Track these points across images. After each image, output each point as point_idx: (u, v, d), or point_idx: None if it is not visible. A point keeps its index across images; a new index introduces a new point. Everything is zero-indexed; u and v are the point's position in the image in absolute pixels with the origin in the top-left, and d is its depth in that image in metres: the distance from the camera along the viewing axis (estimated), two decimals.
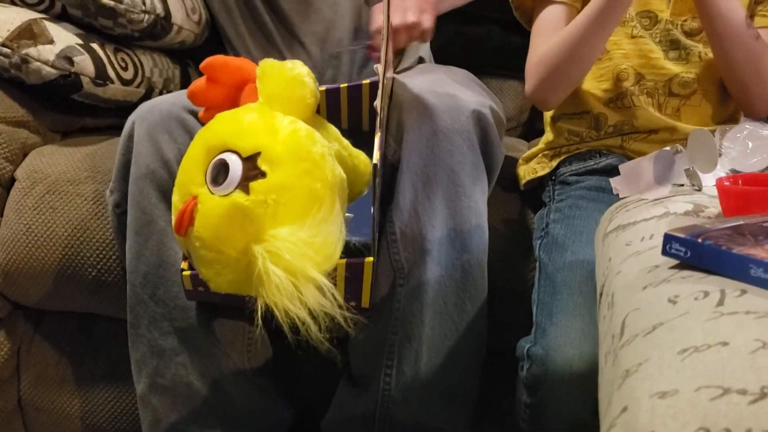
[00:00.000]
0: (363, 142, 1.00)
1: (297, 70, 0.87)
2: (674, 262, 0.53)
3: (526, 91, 1.06)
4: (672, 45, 1.03)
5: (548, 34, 1.02)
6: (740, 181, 0.62)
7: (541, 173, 1.08)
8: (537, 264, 0.95)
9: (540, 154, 1.11)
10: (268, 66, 0.87)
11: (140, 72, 1.30)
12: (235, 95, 0.92)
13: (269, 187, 0.77)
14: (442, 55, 1.50)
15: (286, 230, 0.76)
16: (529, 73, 1.04)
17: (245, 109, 0.85)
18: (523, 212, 1.10)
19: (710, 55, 1.02)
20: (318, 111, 0.93)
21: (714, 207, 0.63)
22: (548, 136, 1.12)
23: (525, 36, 1.15)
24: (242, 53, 1.41)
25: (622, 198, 0.80)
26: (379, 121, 0.86)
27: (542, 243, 0.95)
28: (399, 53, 1.24)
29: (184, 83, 1.44)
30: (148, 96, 1.34)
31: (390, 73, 1.03)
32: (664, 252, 0.52)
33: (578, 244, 0.89)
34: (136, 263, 1.02)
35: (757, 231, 0.51)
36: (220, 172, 0.79)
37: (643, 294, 0.49)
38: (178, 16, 1.33)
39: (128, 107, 1.30)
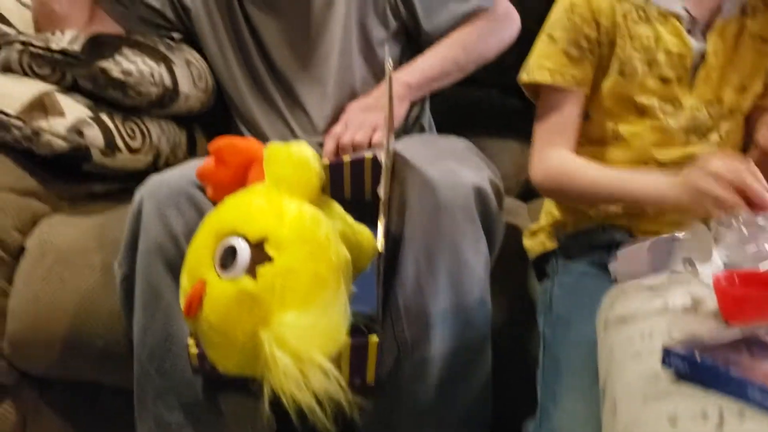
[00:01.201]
0: (366, 212, 1.02)
1: (303, 153, 0.90)
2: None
3: (531, 178, 1.07)
4: (696, 130, 1.03)
5: (558, 130, 1.03)
6: (737, 279, 0.64)
7: (549, 247, 1.10)
8: (541, 341, 0.96)
9: (547, 229, 1.12)
10: (275, 150, 0.90)
11: (148, 140, 1.33)
12: (242, 175, 0.95)
13: (276, 272, 0.79)
14: (441, 117, 1.54)
15: (292, 315, 0.78)
16: (537, 172, 1.05)
17: (253, 193, 0.87)
18: (527, 284, 1.12)
19: (731, 133, 1.03)
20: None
21: (712, 300, 0.64)
22: (553, 213, 1.13)
23: (522, 98, 1.18)
24: (246, 116, 1.45)
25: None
26: (381, 207, 0.88)
27: (546, 319, 0.97)
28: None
29: (191, 148, 1.47)
30: (155, 162, 1.36)
31: (392, 146, 1.06)
32: (664, 363, 0.54)
33: (582, 322, 0.90)
34: (143, 337, 1.04)
35: (755, 345, 0.52)
36: (229, 256, 0.81)
37: (644, 409, 0.51)
38: (185, 86, 1.36)
39: (135, 173, 1.33)
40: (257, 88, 1.42)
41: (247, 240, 0.81)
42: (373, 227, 0.95)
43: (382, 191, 0.88)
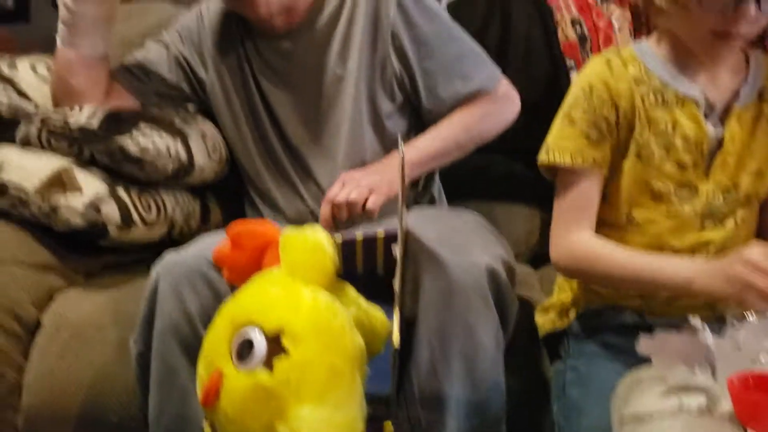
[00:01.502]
0: (378, 287, 1.03)
1: (317, 239, 0.91)
2: None
3: (553, 260, 1.07)
4: (711, 215, 1.04)
5: (579, 210, 1.04)
6: (751, 381, 0.64)
7: (559, 326, 1.10)
8: (556, 428, 0.96)
9: (559, 308, 1.13)
10: (291, 237, 0.91)
11: (163, 212, 1.35)
12: (258, 258, 0.96)
13: (292, 366, 0.80)
14: (448, 183, 1.55)
15: (308, 409, 0.79)
16: (558, 252, 1.05)
17: (269, 282, 0.89)
18: (540, 363, 1.12)
19: (747, 219, 1.04)
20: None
21: (727, 401, 0.65)
22: (565, 290, 1.13)
23: (528, 164, 1.19)
24: (259, 186, 1.47)
25: (638, 361, 0.82)
26: (396, 301, 0.89)
27: (560, 405, 0.97)
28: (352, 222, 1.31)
29: (204, 217, 1.49)
30: (169, 233, 1.38)
31: (405, 221, 1.07)
32: None
33: (596, 408, 0.90)
34: (158, 416, 1.05)
35: None
36: (245, 348, 0.82)
37: None
38: (200, 159, 1.38)
39: (149, 244, 1.35)
40: (270, 158, 1.45)
41: (263, 331, 0.82)
42: (386, 302, 0.97)
43: (396, 283, 0.89)
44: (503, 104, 1.43)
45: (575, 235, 1.03)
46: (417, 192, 1.44)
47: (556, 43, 1.69)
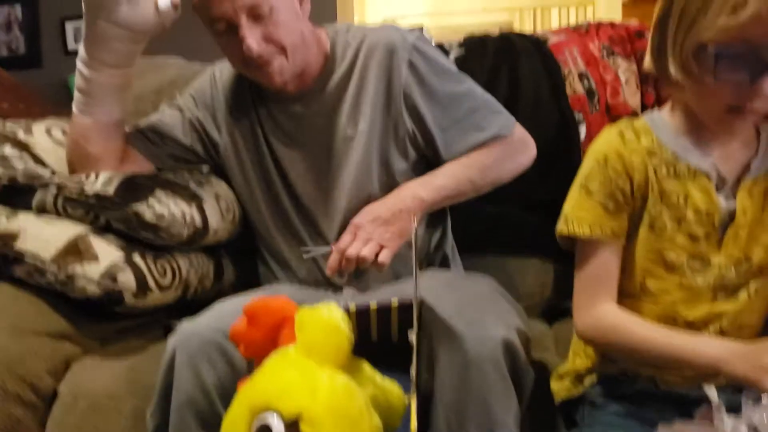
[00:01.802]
0: (393, 354, 1.04)
1: (333, 319, 0.92)
2: None
3: (577, 332, 1.08)
4: (724, 288, 1.04)
5: (599, 281, 1.04)
6: None
7: (575, 393, 1.10)
8: None
9: (574, 374, 1.13)
10: (306, 316, 0.92)
11: (178, 275, 1.36)
12: (274, 335, 0.97)
13: None
14: (461, 234, 1.56)
15: None
16: (583, 324, 1.05)
17: (285, 364, 0.89)
18: (555, 428, 1.12)
19: (760, 291, 1.04)
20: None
21: None
22: (579, 356, 1.14)
23: (542, 215, 1.19)
24: (270, 244, 1.48)
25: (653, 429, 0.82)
26: (412, 388, 0.89)
27: None
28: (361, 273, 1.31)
29: (218, 275, 1.50)
30: (184, 294, 1.39)
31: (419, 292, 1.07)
32: None
33: None
34: None
35: None
36: None
37: None
38: (214, 221, 1.40)
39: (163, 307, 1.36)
40: (281, 218, 1.46)
41: (281, 416, 0.83)
42: (401, 370, 0.97)
43: (413, 371, 0.90)
44: (519, 148, 1.44)
45: (600, 307, 1.04)
46: (429, 252, 1.45)
47: (564, 96, 1.71)
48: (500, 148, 1.41)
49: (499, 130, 1.40)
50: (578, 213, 1.06)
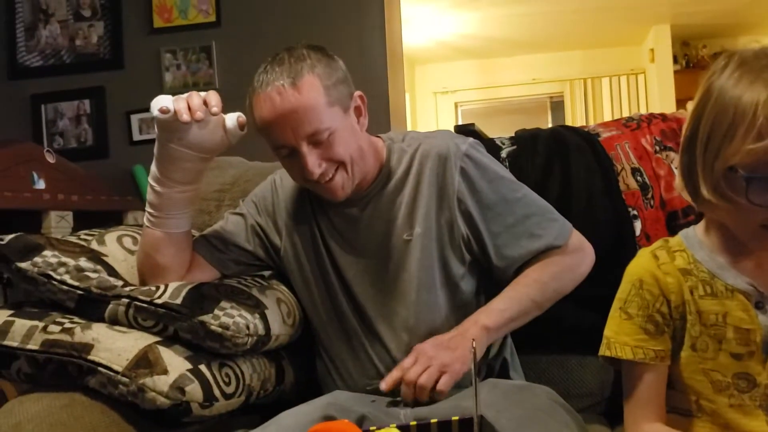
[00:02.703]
0: None
1: None
2: None
3: None
4: None
5: (647, 403, 1.04)
6: None
7: None
8: None
9: None
10: None
11: (242, 383, 1.40)
12: None
13: None
14: (519, 337, 1.57)
15: None
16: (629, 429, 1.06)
17: None
18: None
19: None
20: None
21: None
22: None
23: (599, 312, 1.19)
24: (329, 348, 1.52)
25: None
26: None
27: None
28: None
29: (279, 378, 1.53)
30: (247, 401, 1.42)
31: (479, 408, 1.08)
32: None
33: None
34: None
35: None
36: None
37: None
38: (276, 328, 1.44)
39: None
40: (339, 320, 1.50)
41: None
42: None
43: None
44: (576, 257, 1.45)
45: (646, 427, 1.03)
46: (489, 357, 1.45)
47: (617, 192, 1.72)
48: (558, 260, 1.42)
49: (554, 239, 1.42)
50: (620, 338, 1.07)
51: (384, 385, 1.30)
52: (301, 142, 1.33)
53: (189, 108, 1.28)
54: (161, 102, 1.29)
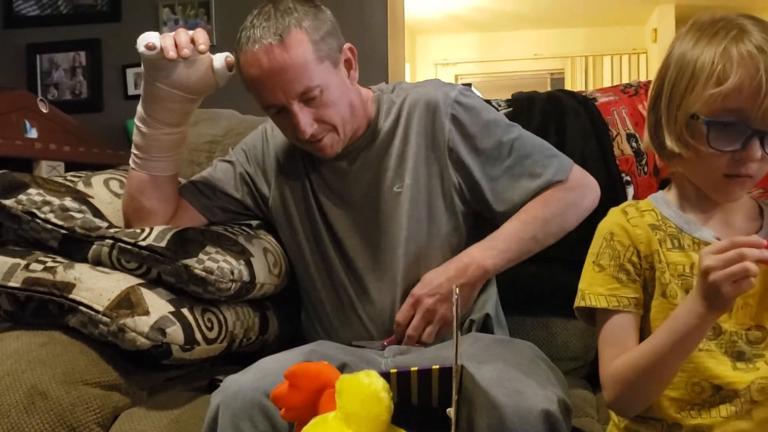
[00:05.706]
0: (432, 418, 1.04)
1: (373, 386, 0.93)
2: None
3: (605, 401, 1.08)
4: (739, 356, 1.03)
5: (619, 346, 1.05)
6: None
7: None
8: None
9: None
10: (347, 383, 0.93)
11: (224, 328, 1.39)
12: (315, 400, 0.98)
13: None
14: (506, 296, 1.56)
15: None
16: (605, 386, 1.06)
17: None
18: None
19: None
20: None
21: None
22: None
23: None
24: (315, 301, 1.51)
25: None
26: None
27: None
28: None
29: (263, 328, 1.52)
30: (229, 348, 1.42)
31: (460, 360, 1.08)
32: None
33: None
34: None
35: None
36: None
37: None
38: (261, 276, 1.43)
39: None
40: (327, 274, 1.49)
41: None
42: None
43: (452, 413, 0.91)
44: (579, 192, 1.42)
45: (617, 362, 1.05)
46: (473, 309, 1.45)
47: (612, 157, 1.70)
48: (560, 196, 1.39)
49: (554, 174, 1.39)
50: (593, 288, 1.08)
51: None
52: (292, 101, 1.31)
53: (176, 45, 1.26)
54: (148, 38, 1.27)
